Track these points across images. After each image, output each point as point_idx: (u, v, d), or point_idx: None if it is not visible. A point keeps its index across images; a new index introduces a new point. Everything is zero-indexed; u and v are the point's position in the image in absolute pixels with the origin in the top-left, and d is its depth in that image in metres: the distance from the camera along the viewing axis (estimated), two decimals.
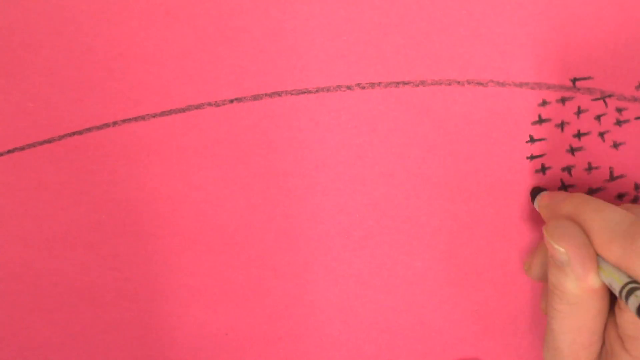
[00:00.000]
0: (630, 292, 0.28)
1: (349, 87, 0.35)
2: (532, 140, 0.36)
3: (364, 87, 0.35)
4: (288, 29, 0.34)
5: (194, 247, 0.36)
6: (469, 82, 0.35)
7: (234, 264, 0.36)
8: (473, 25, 0.34)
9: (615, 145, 0.36)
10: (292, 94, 0.35)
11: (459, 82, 0.35)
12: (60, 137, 0.35)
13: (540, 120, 0.35)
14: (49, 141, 0.35)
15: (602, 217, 0.30)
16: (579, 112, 0.36)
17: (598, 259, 0.30)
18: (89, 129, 0.35)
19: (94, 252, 0.36)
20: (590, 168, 0.36)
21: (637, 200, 0.36)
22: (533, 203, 0.35)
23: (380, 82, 0.35)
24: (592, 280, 0.30)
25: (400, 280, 0.37)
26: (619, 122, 0.36)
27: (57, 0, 0.34)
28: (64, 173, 0.35)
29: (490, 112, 0.35)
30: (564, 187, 0.36)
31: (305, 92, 0.35)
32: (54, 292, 0.37)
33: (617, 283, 0.29)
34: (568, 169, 0.36)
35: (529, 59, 0.35)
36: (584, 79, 0.35)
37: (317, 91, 0.35)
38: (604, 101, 0.35)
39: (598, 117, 0.36)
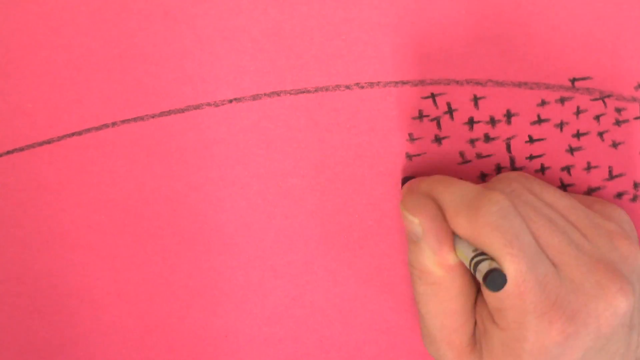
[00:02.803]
0: (478, 263, 0.28)
1: (347, 87, 0.35)
2: (531, 140, 0.36)
3: (362, 87, 0.35)
4: (287, 28, 0.34)
5: (194, 247, 0.36)
6: (468, 82, 0.35)
7: (234, 264, 0.36)
8: (472, 25, 0.34)
9: (615, 145, 0.36)
10: (291, 94, 0.35)
11: (457, 82, 0.35)
12: (60, 138, 0.35)
13: (539, 120, 0.36)
14: (48, 142, 0.35)
15: (451, 191, 0.30)
16: (578, 112, 0.36)
17: (454, 237, 0.30)
18: (88, 130, 0.35)
19: (94, 252, 0.36)
20: (589, 167, 0.36)
21: (636, 199, 0.36)
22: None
23: (379, 82, 0.35)
24: (448, 255, 0.30)
25: (400, 280, 0.37)
26: (618, 122, 0.36)
27: (55, 1, 0.34)
28: (63, 174, 0.36)
29: (489, 111, 0.35)
30: (563, 186, 0.36)
31: (304, 92, 0.35)
32: (54, 293, 0.37)
33: (467, 257, 0.29)
34: (567, 169, 0.36)
35: (528, 58, 0.35)
36: (583, 79, 0.35)
37: (315, 91, 0.35)
38: (603, 101, 0.35)
39: (597, 117, 0.36)
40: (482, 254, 0.28)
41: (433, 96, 0.35)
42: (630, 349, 0.31)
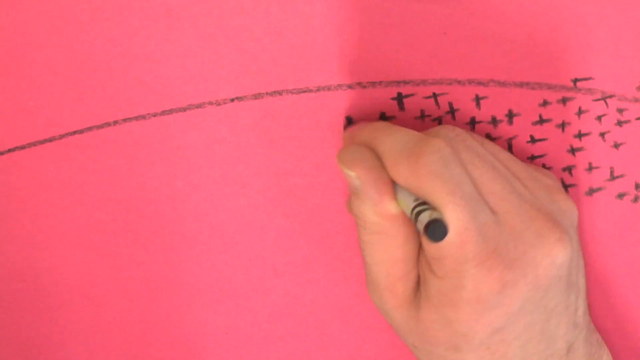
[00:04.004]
0: (419, 213, 0.27)
1: (349, 86, 0.35)
2: (532, 140, 0.36)
3: (365, 87, 0.35)
4: (289, 27, 0.34)
5: (194, 246, 0.36)
6: (469, 82, 0.35)
7: (234, 263, 0.36)
8: (474, 25, 0.34)
9: (616, 145, 0.36)
10: (293, 93, 0.35)
11: (459, 82, 0.35)
12: (61, 136, 0.35)
13: (541, 121, 0.36)
14: (49, 140, 0.35)
15: (391, 140, 0.30)
16: (580, 112, 0.36)
17: (395, 186, 0.29)
18: (89, 128, 0.35)
19: (95, 250, 0.36)
20: (590, 168, 0.36)
21: (637, 199, 0.36)
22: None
23: (381, 82, 0.35)
24: (389, 205, 0.29)
25: None
26: (619, 123, 0.36)
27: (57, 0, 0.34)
28: (65, 172, 0.36)
29: (491, 112, 0.35)
30: (564, 186, 0.36)
31: (306, 91, 0.35)
32: (54, 292, 0.37)
33: (408, 207, 0.28)
34: (569, 169, 0.36)
35: (530, 59, 0.35)
36: (585, 79, 0.35)
37: (318, 90, 0.35)
38: (605, 102, 0.35)
39: (599, 118, 0.36)
40: (423, 203, 0.28)
41: (435, 96, 0.35)
42: (569, 311, 0.31)
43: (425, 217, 0.27)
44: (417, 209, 0.28)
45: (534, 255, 0.29)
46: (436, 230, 0.26)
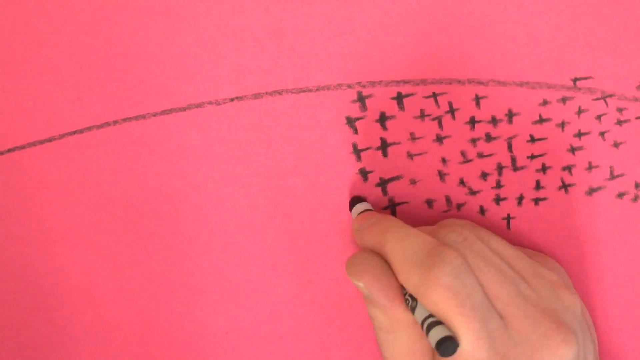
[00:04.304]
0: (430, 326, 0.28)
1: (349, 86, 0.35)
2: (532, 139, 0.36)
3: (364, 86, 0.35)
4: (288, 27, 0.34)
5: (195, 244, 0.36)
6: (469, 82, 0.35)
7: (235, 262, 0.36)
8: (474, 24, 0.34)
9: (616, 145, 0.36)
10: (292, 93, 0.35)
11: (459, 81, 0.35)
12: (61, 136, 0.35)
13: (541, 120, 0.36)
14: (49, 140, 0.35)
15: (402, 247, 0.31)
16: (580, 111, 0.36)
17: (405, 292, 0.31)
18: (89, 128, 0.35)
19: (95, 250, 0.36)
20: (590, 167, 0.36)
21: (637, 199, 0.36)
22: (350, 212, 0.35)
23: (380, 81, 0.35)
24: (398, 310, 0.31)
25: None
26: (619, 122, 0.36)
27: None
28: (65, 172, 0.36)
29: (491, 111, 0.35)
30: (564, 186, 0.36)
31: (305, 91, 0.35)
32: (54, 292, 0.37)
33: (418, 315, 0.29)
34: (568, 168, 0.36)
35: (529, 58, 0.35)
36: (585, 78, 0.35)
37: (317, 90, 0.35)
38: (605, 101, 0.35)
39: (599, 117, 0.36)
40: (432, 315, 0.29)
41: (435, 95, 0.35)
42: None
43: (436, 333, 0.28)
44: (429, 320, 0.29)
45: (541, 357, 0.30)
46: (448, 347, 0.27)
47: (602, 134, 0.36)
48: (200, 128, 0.35)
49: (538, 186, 0.36)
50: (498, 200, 0.36)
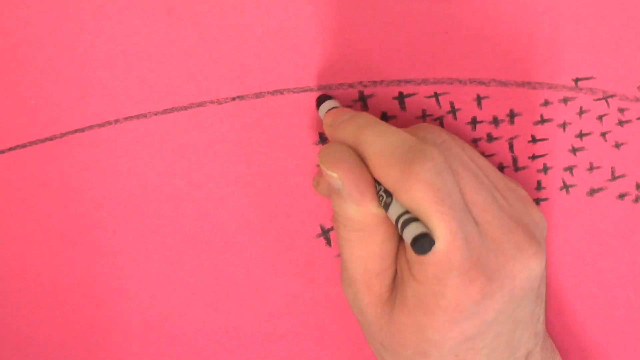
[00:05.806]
0: (406, 223, 0.27)
1: (351, 85, 0.35)
2: (534, 140, 0.36)
3: (365, 86, 0.35)
4: (290, 26, 0.34)
5: (196, 244, 0.36)
6: (470, 82, 0.35)
7: (235, 261, 0.36)
8: (475, 24, 0.35)
9: (617, 145, 0.36)
10: (294, 92, 0.35)
11: (461, 81, 0.35)
12: (62, 135, 0.35)
13: (542, 120, 0.36)
14: (50, 139, 0.35)
15: (382, 141, 0.29)
16: (581, 112, 0.36)
17: (377, 186, 0.29)
18: (90, 127, 0.35)
19: (96, 249, 0.36)
20: (591, 168, 0.36)
21: (638, 200, 0.36)
22: (317, 111, 0.34)
23: (382, 81, 0.35)
24: (370, 205, 0.29)
25: None
26: (620, 123, 0.36)
27: None
28: (66, 171, 0.36)
29: (492, 111, 0.35)
30: (566, 187, 0.36)
31: (307, 90, 0.35)
32: (54, 291, 0.37)
33: (393, 211, 0.28)
34: (570, 169, 0.36)
35: (531, 58, 0.35)
36: (586, 79, 0.35)
37: (319, 89, 0.35)
38: (606, 101, 0.35)
39: (600, 118, 0.36)
40: (408, 212, 0.28)
41: (436, 95, 0.35)
42: (533, 321, 0.32)
43: (412, 230, 0.27)
44: (404, 217, 0.28)
45: (512, 267, 0.30)
46: (424, 244, 0.27)
47: (603, 134, 0.36)
48: (202, 127, 0.35)
49: (539, 186, 0.36)
50: None
